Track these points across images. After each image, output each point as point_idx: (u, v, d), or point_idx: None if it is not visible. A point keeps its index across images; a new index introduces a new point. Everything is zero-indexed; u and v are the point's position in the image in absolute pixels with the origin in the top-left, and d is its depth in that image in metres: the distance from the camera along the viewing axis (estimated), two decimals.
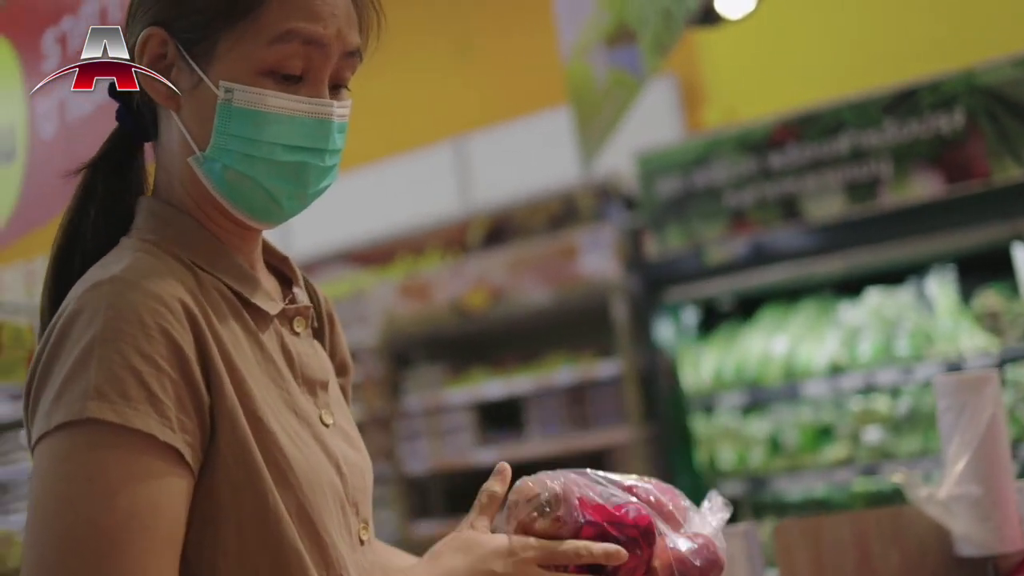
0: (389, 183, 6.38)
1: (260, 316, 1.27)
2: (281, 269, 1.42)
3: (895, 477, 1.76)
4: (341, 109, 1.27)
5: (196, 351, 1.14)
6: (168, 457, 1.09)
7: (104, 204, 1.29)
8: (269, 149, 1.21)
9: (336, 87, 1.27)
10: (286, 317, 1.31)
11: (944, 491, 1.65)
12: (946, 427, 1.70)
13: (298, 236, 6.32)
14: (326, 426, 1.30)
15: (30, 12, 3.45)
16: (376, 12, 1.32)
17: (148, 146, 1.35)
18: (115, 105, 1.33)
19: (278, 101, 1.20)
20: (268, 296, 1.29)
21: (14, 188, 3.43)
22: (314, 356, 1.34)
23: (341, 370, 1.48)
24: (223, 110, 1.20)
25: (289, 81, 1.22)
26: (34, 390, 1.13)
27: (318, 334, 1.44)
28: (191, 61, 1.21)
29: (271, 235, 1.40)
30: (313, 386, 1.31)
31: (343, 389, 1.47)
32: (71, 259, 1.27)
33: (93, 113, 3.33)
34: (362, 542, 1.30)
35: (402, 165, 6.33)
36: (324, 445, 1.26)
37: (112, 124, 1.33)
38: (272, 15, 1.19)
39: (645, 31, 3.16)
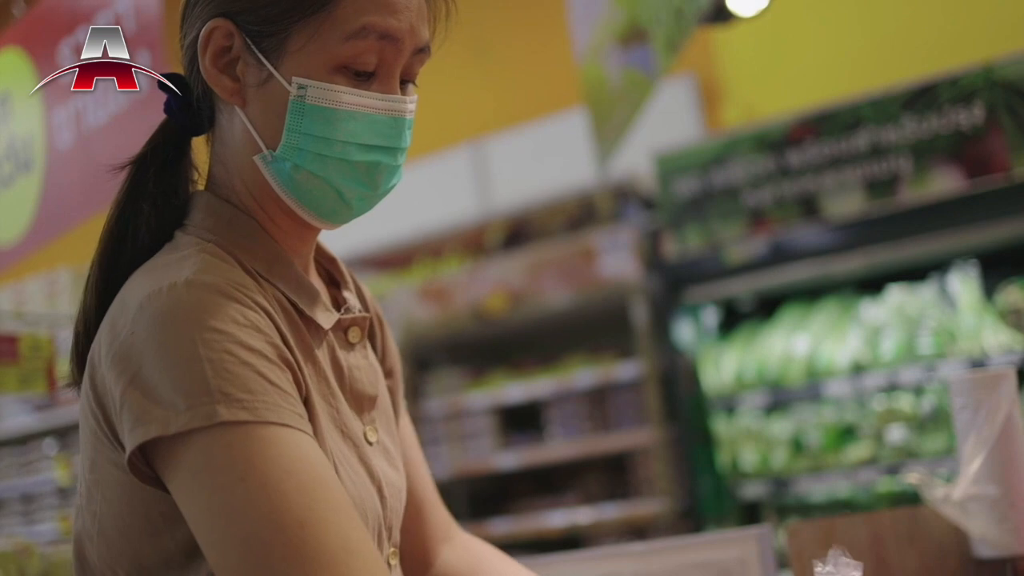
0: (408, 187, 6.36)
1: (314, 328, 1.23)
2: (329, 270, 1.38)
3: (910, 477, 1.73)
4: (412, 105, 1.23)
5: (286, 348, 1.12)
6: (305, 436, 1.06)
7: (156, 199, 1.24)
8: (343, 148, 1.17)
9: (404, 82, 1.23)
10: (340, 328, 1.27)
11: (959, 491, 1.62)
12: (962, 426, 1.67)
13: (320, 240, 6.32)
14: (370, 444, 1.26)
15: (45, 23, 3.47)
16: (446, 1, 1.28)
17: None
18: (131, 113, 1.30)
19: (353, 98, 1.16)
20: (325, 307, 1.25)
21: (33, 198, 3.45)
22: (367, 369, 1.30)
23: (390, 373, 1.45)
24: (295, 108, 1.15)
25: (361, 77, 1.17)
26: (119, 404, 1.06)
27: (370, 337, 1.41)
28: (260, 56, 1.17)
29: None
30: (361, 401, 1.28)
31: (392, 392, 1.43)
32: (119, 255, 1.22)
33: (108, 123, 3.34)
34: (391, 566, 1.28)
35: (420, 169, 6.32)
36: (369, 467, 1.23)
37: (126, 134, 1.30)
38: (347, 9, 1.15)
39: (657, 30, 3.13)
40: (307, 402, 1.13)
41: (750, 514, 4.69)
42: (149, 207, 1.24)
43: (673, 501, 4.90)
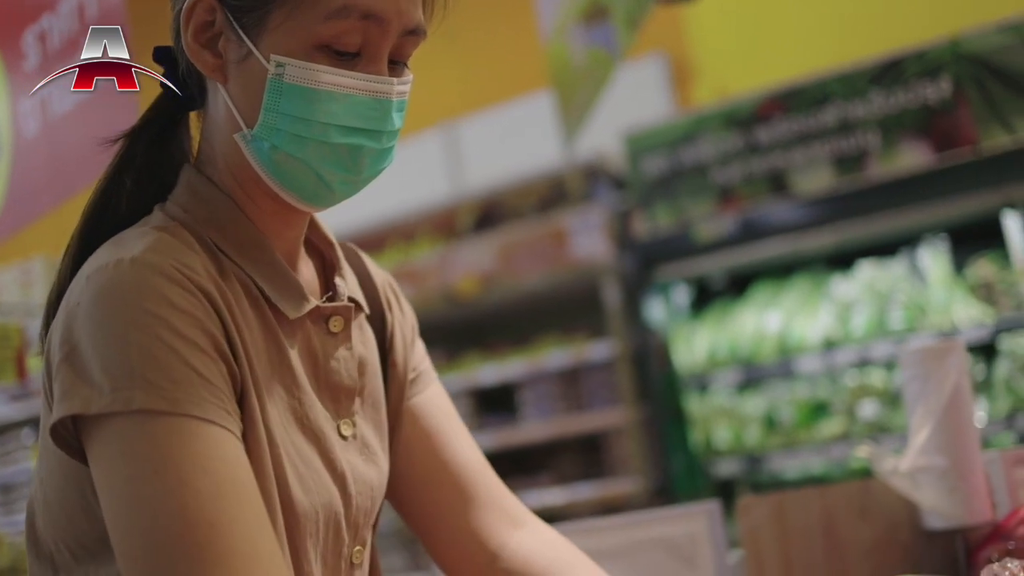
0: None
1: (284, 315, 1.19)
2: (326, 253, 1.34)
3: (859, 451, 1.72)
4: (401, 87, 1.18)
5: (224, 339, 1.09)
6: (226, 433, 1.04)
7: (142, 173, 1.22)
8: (322, 130, 1.13)
9: (395, 63, 1.19)
10: (321, 316, 1.23)
11: (908, 463, 1.61)
12: (910, 398, 1.66)
13: None
14: (343, 438, 1.23)
15: (9, 11, 3.43)
16: None
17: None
18: (95, 101, 1.27)
19: (333, 78, 1.12)
20: (301, 294, 1.20)
21: (0, 186, 3.41)
22: (347, 360, 1.26)
23: (395, 365, 1.38)
24: (273, 86, 1.12)
25: (345, 57, 1.13)
26: (55, 368, 1.05)
27: (375, 322, 1.36)
28: (241, 32, 1.13)
29: None
30: (337, 394, 1.24)
31: (398, 383, 1.37)
32: (100, 226, 1.20)
33: (74, 110, 3.31)
34: (353, 565, 1.25)
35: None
36: (331, 462, 1.20)
37: (92, 121, 1.28)
38: None
39: (618, 8, 3.11)
40: (251, 394, 1.11)
41: (724, 491, 4.70)
42: (133, 181, 1.22)
43: (647, 480, 4.90)
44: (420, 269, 5.60)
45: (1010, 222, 4.00)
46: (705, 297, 5.05)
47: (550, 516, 5.08)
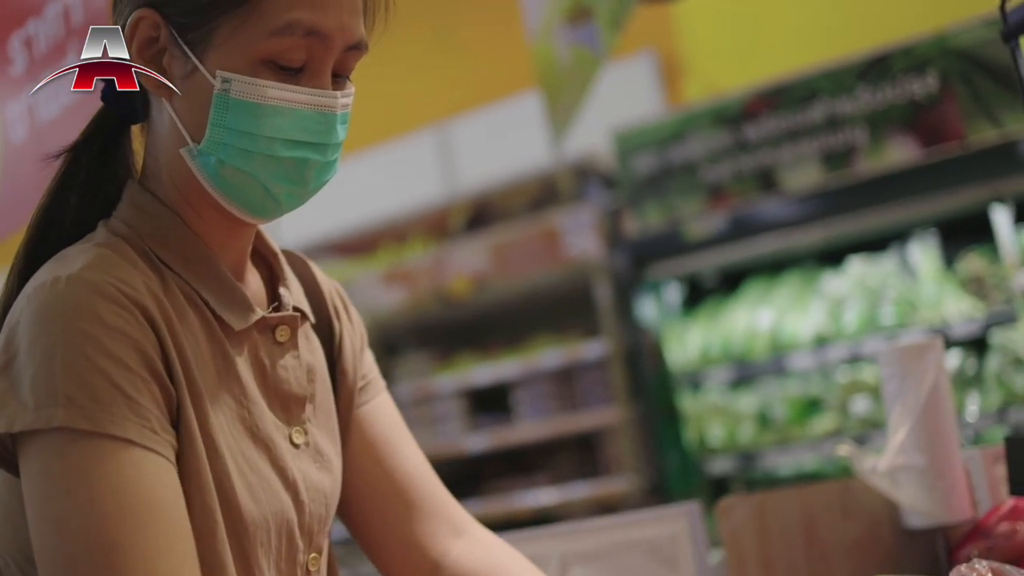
0: (371, 172, 6.34)
1: (229, 327, 1.20)
2: (271, 265, 1.34)
3: (839, 450, 1.73)
4: (344, 99, 1.20)
5: (160, 356, 1.09)
6: (150, 453, 1.05)
7: (85, 189, 1.23)
8: (268, 144, 1.14)
9: (338, 76, 1.20)
10: (267, 326, 1.24)
11: (886, 462, 1.62)
12: (889, 396, 1.67)
13: (284, 229, 6.28)
14: (295, 446, 1.24)
15: None
16: None
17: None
18: (83, 105, 1.27)
19: (279, 92, 1.13)
20: (246, 305, 1.22)
21: None
22: (296, 369, 1.27)
23: (345, 372, 1.39)
24: (220, 101, 1.13)
25: (289, 72, 1.15)
26: None
27: (323, 330, 1.37)
28: (186, 48, 1.14)
29: None
30: (287, 402, 1.25)
31: (347, 390, 1.38)
32: (44, 243, 1.20)
33: (61, 115, 3.31)
34: (309, 572, 1.26)
35: (383, 154, 6.29)
36: (283, 470, 1.21)
37: (80, 126, 1.28)
38: (273, 2, 1.12)
39: (601, 8, 3.12)
40: (189, 408, 1.11)
41: (718, 489, 4.70)
42: (76, 198, 1.23)
43: (641, 478, 4.90)
44: (413, 270, 5.60)
45: (999, 216, 4.00)
46: (697, 295, 5.05)
47: (545, 516, 5.06)
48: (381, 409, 1.44)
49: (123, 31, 1.17)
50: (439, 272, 5.50)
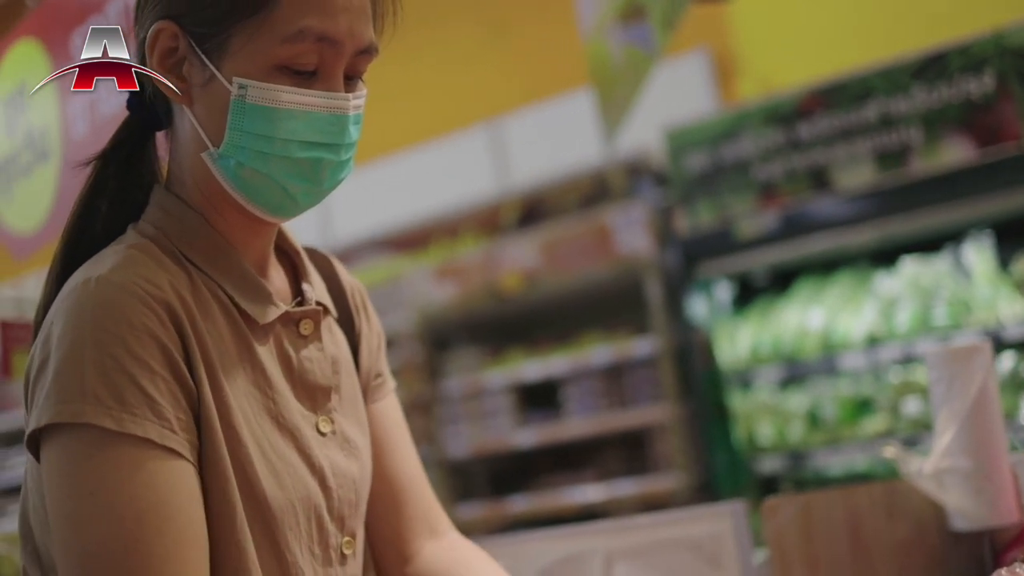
0: (425, 168, 6.39)
1: (255, 321, 1.26)
2: (294, 261, 1.41)
3: (885, 451, 1.73)
4: (356, 101, 1.25)
5: (182, 353, 1.15)
6: (169, 456, 1.10)
7: (115, 196, 1.30)
8: (284, 146, 1.20)
9: (350, 78, 1.26)
10: (291, 320, 1.30)
11: (931, 465, 1.62)
12: (936, 399, 1.67)
13: (337, 224, 6.35)
14: (322, 435, 1.30)
15: (58, 13, 3.50)
16: (392, 1, 1.30)
17: (161, 134, 1.34)
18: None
19: (293, 97, 1.19)
20: (270, 301, 1.28)
21: (50, 187, 3.49)
22: (320, 361, 1.32)
23: (360, 369, 1.45)
24: (237, 107, 1.19)
25: (302, 76, 1.20)
26: (31, 383, 1.14)
27: (344, 325, 1.43)
28: (203, 56, 1.20)
29: (309, 221, 1.37)
30: (313, 393, 1.31)
31: (363, 386, 1.45)
32: (78, 247, 1.27)
33: (120, 112, 3.38)
34: (344, 556, 1.31)
35: (436, 150, 6.33)
36: (309, 457, 1.26)
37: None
38: (285, 12, 1.18)
39: (654, 8, 3.13)
40: (210, 400, 1.16)
41: (767, 489, 4.68)
42: (107, 204, 1.29)
43: (690, 476, 4.90)
44: (465, 266, 5.64)
45: None
46: (748, 294, 5.03)
47: (593, 512, 5.07)
48: (388, 410, 1.51)
49: (144, 42, 1.23)
50: (490, 268, 5.53)
